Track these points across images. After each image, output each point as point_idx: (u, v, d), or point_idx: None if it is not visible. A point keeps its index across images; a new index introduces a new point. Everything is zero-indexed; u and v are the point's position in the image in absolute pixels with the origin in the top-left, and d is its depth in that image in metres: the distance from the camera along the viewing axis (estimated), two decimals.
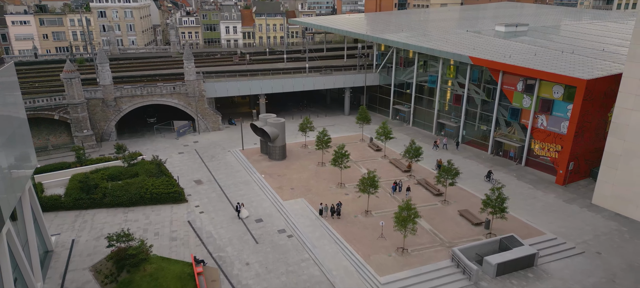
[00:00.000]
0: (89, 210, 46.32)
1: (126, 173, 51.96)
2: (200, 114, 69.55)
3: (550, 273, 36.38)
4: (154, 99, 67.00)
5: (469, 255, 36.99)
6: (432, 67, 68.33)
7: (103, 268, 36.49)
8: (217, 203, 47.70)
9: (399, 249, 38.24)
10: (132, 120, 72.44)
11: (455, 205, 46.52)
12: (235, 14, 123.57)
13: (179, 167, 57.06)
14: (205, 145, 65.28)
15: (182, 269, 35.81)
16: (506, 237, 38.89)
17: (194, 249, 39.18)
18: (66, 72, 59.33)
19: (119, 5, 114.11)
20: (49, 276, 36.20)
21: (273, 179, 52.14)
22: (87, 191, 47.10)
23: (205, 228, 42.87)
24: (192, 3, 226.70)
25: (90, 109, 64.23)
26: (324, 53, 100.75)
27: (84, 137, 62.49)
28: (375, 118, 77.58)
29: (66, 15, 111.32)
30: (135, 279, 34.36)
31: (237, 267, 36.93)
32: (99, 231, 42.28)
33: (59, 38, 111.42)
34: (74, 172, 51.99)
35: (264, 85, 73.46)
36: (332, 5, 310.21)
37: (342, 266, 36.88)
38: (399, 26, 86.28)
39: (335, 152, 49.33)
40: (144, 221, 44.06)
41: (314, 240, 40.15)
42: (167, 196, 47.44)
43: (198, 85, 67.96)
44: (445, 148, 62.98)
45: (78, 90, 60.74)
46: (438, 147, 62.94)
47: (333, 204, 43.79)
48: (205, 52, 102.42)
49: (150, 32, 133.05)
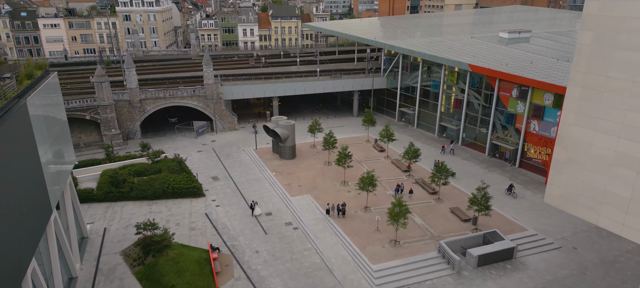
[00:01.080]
0: (118, 202, 51.89)
1: (150, 170, 57.44)
2: (218, 114, 74.88)
3: (527, 265, 40.48)
4: (175, 101, 72.55)
5: (454, 248, 41.28)
6: (435, 72, 72.32)
7: (131, 253, 41.87)
8: (232, 198, 52.83)
9: (392, 241, 42.72)
10: (155, 120, 78.10)
11: (448, 203, 50.73)
12: (252, 17, 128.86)
13: (197, 164, 62.38)
14: (221, 144, 70.60)
15: (199, 255, 40.96)
16: (489, 232, 43.10)
17: (210, 238, 44.32)
18: (97, 77, 65.13)
19: (143, 9, 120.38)
20: (85, 259, 41.74)
21: (283, 177, 57.04)
22: (116, 185, 52.70)
23: (220, 220, 48.01)
24: (211, 3, 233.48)
25: (118, 110, 70.02)
26: (336, 56, 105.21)
27: (112, 136, 68.34)
28: (383, 119, 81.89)
29: (93, 18, 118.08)
30: (160, 262, 39.61)
31: (248, 254, 41.92)
32: (127, 221, 47.76)
33: (87, 40, 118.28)
34: (104, 167, 57.75)
35: (277, 88, 78.44)
36: (349, 5, 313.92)
37: (340, 255, 41.57)
38: (407, 31, 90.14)
39: (340, 152, 53.96)
40: (167, 213, 49.41)
41: (316, 232, 44.92)
42: (187, 191, 52.74)
43: (216, 88, 73.24)
44: (452, 153, 66.14)
45: (107, 92, 66.57)
46: (445, 152, 66.16)
47: (338, 204, 48.11)
48: (223, 55, 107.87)
49: (171, 33, 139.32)
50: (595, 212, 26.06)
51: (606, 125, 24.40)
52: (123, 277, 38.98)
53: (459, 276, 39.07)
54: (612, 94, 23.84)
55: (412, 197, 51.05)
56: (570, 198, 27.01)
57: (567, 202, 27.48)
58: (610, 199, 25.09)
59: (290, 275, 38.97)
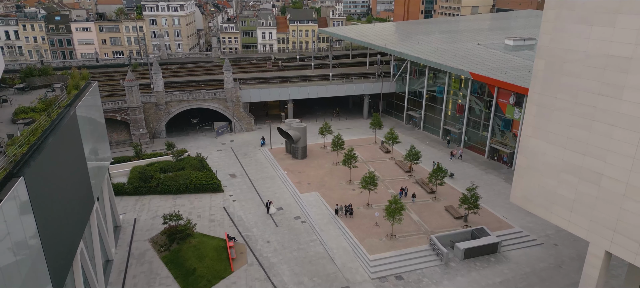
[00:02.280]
0: (146, 196, 58.04)
1: (175, 167, 63.51)
2: (236, 116, 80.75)
3: (509, 259, 45.01)
4: (197, 103, 78.65)
5: (444, 242, 46.02)
6: (440, 79, 76.70)
7: (158, 240, 47.82)
8: (247, 194, 58.48)
9: (389, 235, 47.67)
10: (179, 121, 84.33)
11: (444, 201, 55.33)
12: (271, 20, 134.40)
13: (217, 162, 68.25)
14: (239, 143, 76.42)
15: (218, 243, 46.67)
16: (477, 228, 47.67)
17: (227, 229, 50.01)
18: (128, 81, 71.58)
19: (168, 14, 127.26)
20: (119, 244, 47.88)
21: (294, 175, 62.44)
22: (144, 180, 58.89)
23: (236, 213, 53.69)
24: (232, 4, 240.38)
25: (145, 111, 76.45)
26: (350, 60, 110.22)
27: (140, 135, 74.82)
28: (392, 122, 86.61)
29: (122, 22, 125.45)
30: (183, 249, 45.45)
31: (260, 244, 47.45)
32: (154, 212, 53.82)
33: (116, 43, 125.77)
34: (134, 164, 64.07)
35: (291, 92, 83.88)
36: (367, 5, 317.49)
37: (341, 246, 46.75)
38: (417, 38, 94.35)
39: (345, 154, 59.06)
40: (189, 206, 55.30)
41: (321, 225, 50.18)
42: (207, 186, 58.59)
43: (235, 91, 79.08)
44: (461, 159, 69.46)
45: (136, 95, 72.99)
46: (454, 157, 69.65)
47: (345, 205, 52.81)
48: (242, 58, 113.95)
49: (194, 36, 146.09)
50: (548, 210, 30.54)
51: (555, 138, 28.83)
52: (152, 261, 44.92)
53: (447, 267, 43.84)
54: (559, 112, 28.27)
55: (414, 201, 55.17)
56: (529, 199, 31.51)
57: (527, 202, 32.00)
58: (559, 200, 29.53)
59: (297, 263, 44.33)
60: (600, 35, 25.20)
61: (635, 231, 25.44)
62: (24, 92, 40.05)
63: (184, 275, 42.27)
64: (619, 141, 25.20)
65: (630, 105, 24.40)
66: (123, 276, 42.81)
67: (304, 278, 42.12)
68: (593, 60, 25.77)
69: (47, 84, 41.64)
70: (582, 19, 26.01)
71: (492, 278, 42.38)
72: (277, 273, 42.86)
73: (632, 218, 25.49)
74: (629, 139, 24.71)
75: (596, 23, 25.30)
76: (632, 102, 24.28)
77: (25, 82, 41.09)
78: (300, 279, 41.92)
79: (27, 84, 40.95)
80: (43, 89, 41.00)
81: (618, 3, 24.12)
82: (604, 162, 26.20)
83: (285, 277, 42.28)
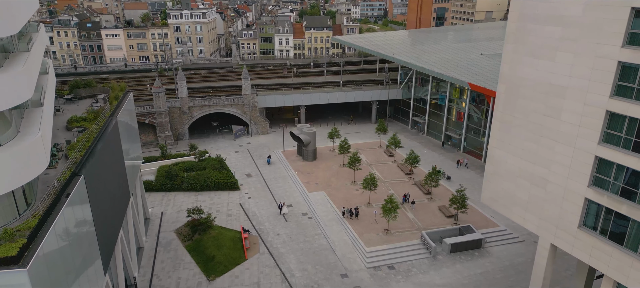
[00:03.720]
0: (171, 192, 65.07)
1: (197, 166, 70.46)
2: (253, 120, 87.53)
3: (491, 253, 50.56)
4: (217, 108, 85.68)
5: (434, 238, 51.78)
6: (443, 87, 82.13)
7: (183, 231, 54.68)
8: (261, 192, 65.06)
9: (385, 230, 53.61)
10: (200, 123, 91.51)
11: (438, 202, 60.96)
12: (288, 27, 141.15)
13: (235, 163, 75.07)
14: (255, 146, 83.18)
15: (234, 235, 53.30)
16: (464, 226, 53.29)
17: (242, 222, 56.63)
18: (155, 88, 78.95)
19: (191, 21, 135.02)
20: (148, 234, 54.91)
21: (303, 175, 68.79)
22: (170, 179, 65.94)
23: (251, 209, 60.30)
24: (252, 8, 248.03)
25: (170, 115, 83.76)
26: (361, 66, 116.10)
27: (165, 137, 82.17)
28: (398, 127, 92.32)
29: (148, 29, 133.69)
30: (204, 239, 52.16)
31: (271, 236, 53.93)
32: (179, 207, 60.78)
33: (142, 49, 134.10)
34: (160, 164, 71.27)
35: (304, 98, 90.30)
36: (384, 8, 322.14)
37: (342, 240, 52.90)
38: (424, 47, 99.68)
39: (350, 157, 65.15)
40: (209, 202, 62.12)
41: (326, 221, 56.41)
42: (225, 185, 65.34)
43: (252, 97, 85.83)
44: (467, 167, 73.76)
45: (163, 101, 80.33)
46: (461, 165, 74.29)
47: (351, 208, 57.84)
48: (260, 64, 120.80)
49: (215, 41, 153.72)
50: (509, 209, 36.10)
51: (513, 150, 34.33)
52: (177, 249, 51.78)
53: (434, 259, 49.63)
54: (516, 128, 33.77)
55: (414, 207, 60.42)
56: (495, 200, 37.10)
57: (494, 202, 37.59)
58: (516, 200, 35.03)
59: (302, 253, 50.66)
60: (544, 68, 30.76)
61: (571, 227, 30.91)
62: (72, 102, 47.08)
63: (204, 261, 48.98)
64: (559, 153, 30.73)
65: (566, 125, 29.90)
66: (152, 261, 49.76)
67: (308, 266, 48.43)
68: (539, 87, 31.33)
69: (91, 95, 48.66)
70: (531, 53, 31.58)
71: (473, 270, 48.03)
72: (284, 261, 49.23)
73: (569, 216, 30.98)
74: (566, 152, 30.22)
75: (541, 57, 30.85)
76: (568, 122, 29.78)
77: (72, 93, 48.19)
78: (304, 267, 48.25)
79: (74, 95, 48.02)
80: (88, 99, 48.00)
81: (557, 42, 29.67)
82: (548, 170, 31.73)
83: (291, 265, 48.64)
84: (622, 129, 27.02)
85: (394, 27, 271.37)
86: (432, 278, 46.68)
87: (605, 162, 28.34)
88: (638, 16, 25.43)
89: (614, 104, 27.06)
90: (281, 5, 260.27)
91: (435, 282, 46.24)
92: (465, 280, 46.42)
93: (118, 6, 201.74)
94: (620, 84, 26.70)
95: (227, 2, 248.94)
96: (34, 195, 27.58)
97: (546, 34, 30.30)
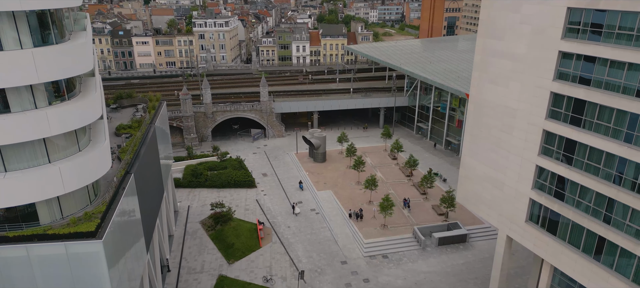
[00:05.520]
0: (196, 189, 73.81)
1: (219, 166, 79.10)
2: (270, 124, 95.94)
3: (474, 247, 57.75)
4: (238, 113, 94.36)
5: (424, 232, 59.18)
6: (444, 96, 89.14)
7: (207, 222, 63.25)
8: (275, 190, 73.34)
9: (382, 225, 61.19)
10: (222, 127, 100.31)
11: (433, 201, 68.20)
12: (305, 35, 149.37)
13: (252, 163, 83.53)
14: (271, 148, 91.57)
15: (251, 226, 61.64)
16: (452, 222, 60.57)
17: (258, 215, 64.93)
18: (183, 95, 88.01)
19: (215, 29, 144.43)
20: (177, 224, 63.66)
21: (313, 175, 76.81)
22: (195, 176, 74.67)
23: (266, 204, 68.59)
24: (273, 13, 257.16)
25: (196, 119, 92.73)
26: (372, 74, 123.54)
27: (191, 139, 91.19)
28: (403, 132, 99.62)
29: (175, 37, 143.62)
30: (225, 229, 60.63)
31: (283, 228, 62.08)
32: (203, 201, 69.44)
33: (169, 55, 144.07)
34: (187, 163, 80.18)
35: (317, 104, 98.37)
36: (402, 12, 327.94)
37: (344, 232, 60.71)
38: (430, 58, 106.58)
39: (355, 160, 72.87)
40: (230, 198, 70.62)
41: (331, 216, 64.30)
42: (244, 183, 73.80)
43: (269, 104, 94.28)
44: None
45: (189, 106, 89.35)
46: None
47: (356, 210, 64.93)
48: (278, 70, 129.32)
49: (237, 48, 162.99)
50: (477, 207, 43.34)
51: (480, 158, 41.51)
52: (202, 237, 60.37)
53: (423, 250, 57.09)
54: (481, 140, 40.97)
55: (410, 214, 67.43)
56: (467, 199, 44.37)
57: (466, 201, 44.85)
58: (483, 200, 42.22)
59: (309, 243, 58.67)
60: (501, 93, 38.01)
61: (520, 221, 38.04)
62: (116, 110, 55.90)
63: (225, 248, 57.42)
64: (512, 162, 37.95)
65: (516, 139, 37.10)
66: (181, 246, 58.45)
67: (314, 254, 56.43)
68: (498, 108, 38.58)
69: (132, 104, 57.43)
70: (492, 81, 38.87)
71: (457, 260, 55.37)
72: (293, 249, 57.32)
73: (519, 213, 38.18)
74: (516, 161, 37.43)
75: (499, 84, 38.10)
76: (517, 137, 36.98)
77: (116, 103, 57.05)
78: (310, 254, 56.27)
79: (118, 105, 56.87)
80: (129, 108, 56.78)
81: (509, 73, 36.92)
82: (504, 175, 38.96)
83: (299, 252, 56.71)
84: (554, 144, 34.23)
85: (410, 30, 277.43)
86: (419, 267, 54.20)
87: (543, 170, 35.57)
88: (564, 57, 32.61)
89: (548, 124, 34.27)
90: (300, 10, 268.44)
91: (422, 269, 53.75)
92: (448, 269, 53.82)
93: (146, 12, 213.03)
94: (553, 109, 33.91)
95: (248, 6, 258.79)
96: (99, 188, 36.16)
97: (502, 66, 37.62)
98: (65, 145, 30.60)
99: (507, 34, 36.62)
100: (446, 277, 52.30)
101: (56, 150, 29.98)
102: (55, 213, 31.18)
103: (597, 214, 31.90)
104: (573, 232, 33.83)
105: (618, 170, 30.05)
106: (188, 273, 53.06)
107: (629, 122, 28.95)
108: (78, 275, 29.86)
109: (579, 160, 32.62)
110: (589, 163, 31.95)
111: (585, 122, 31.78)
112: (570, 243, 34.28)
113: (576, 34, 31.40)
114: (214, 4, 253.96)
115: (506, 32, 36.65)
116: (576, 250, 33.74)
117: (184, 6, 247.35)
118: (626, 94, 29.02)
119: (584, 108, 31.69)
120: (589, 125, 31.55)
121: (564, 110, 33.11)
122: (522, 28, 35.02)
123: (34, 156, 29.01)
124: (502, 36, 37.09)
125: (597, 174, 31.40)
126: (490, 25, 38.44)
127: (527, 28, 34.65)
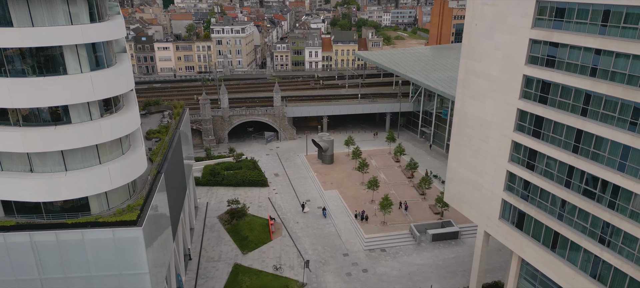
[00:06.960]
0: (214, 187, 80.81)
1: (235, 166, 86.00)
2: (282, 127, 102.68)
3: (465, 243, 63.61)
4: (252, 117, 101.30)
5: (420, 229, 65.20)
6: (446, 103, 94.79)
7: (224, 217, 70.13)
8: (286, 189, 79.99)
9: (382, 222, 67.36)
10: (237, 129, 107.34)
11: (430, 201, 74.10)
12: (317, 41, 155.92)
13: (265, 164, 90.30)
14: (283, 150, 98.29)
15: (263, 221, 68.36)
16: (446, 221, 66.49)
17: (270, 212, 71.60)
18: (202, 99, 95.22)
19: (232, 35, 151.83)
20: (197, 219, 70.65)
21: (321, 176, 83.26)
22: (213, 176, 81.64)
23: (277, 202, 75.26)
24: (287, 17, 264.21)
25: (214, 122, 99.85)
26: (380, 79, 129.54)
27: (209, 141, 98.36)
28: (408, 136, 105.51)
29: (194, 43, 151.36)
30: (240, 224, 67.47)
31: (292, 223, 68.67)
32: (220, 198, 76.38)
33: (188, 60, 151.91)
34: (205, 163, 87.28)
35: (326, 109, 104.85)
36: (414, 16, 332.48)
37: (347, 228, 67.04)
38: (435, 65, 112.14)
39: (360, 162, 79.12)
40: (244, 195, 77.42)
41: (336, 213, 70.67)
42: (257, 182, 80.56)
43: (281, 108, 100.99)
44: None
45: (208, 110, 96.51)
46: None
47: (361, 212, 70.94)
48: (291, 75, 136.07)
49: (252, 53, 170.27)
50: (461, 206, 49.28)
51: (463, 163, 47.44)
52: (219, 230, 67.27)
53: (418, 245, 63.14)
54: (464, 148, 46.90)
55: (407, 213, 73.26)
56: (452, 199, 50.35)
57: (452, 201, 50.84)
58: (465, 200, 48.15)
59: (315, 237, 65.16)
60: (479, 107, 43.98)
61: (495, 218, 44.01)
62: (146, 117, 63.03)
63: (240, 240, 64.22)
64: (488, 167, 43.92)
65: (491, 148, 43.03)
66: (201, 238, 65.43)
67: (319, 247, 62.91)
68: (476, 120, 44.54)
69: (159, 111, 64.53)
70: (472, 97, 44.85)
71: (448, 255, 61.34)
72: (301, 242, 63.88)
73: (494, 211, 44.10)
74: (491, 166, 43.38)
75: (477, 100, 44.05)
76: (492, 146, 42.91)
77: (145, 109, 64.24)
78: (315, 247, 62.77)
79: (147, 111, 64.03)
80: (157, 114, 63.91)
81: (486, 91, 42.89)
82: (482, 178, 44.92)
83: (306, 245, 63.24)
84: (521, 152, 40.18)
85: (422, 34, 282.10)
86: (413, 259, 60.32)
87: (512, 175, 41.52)
88: (528, 80, 38.55)
89: (516, 136, 40.19)
90: (314, 14, 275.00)
91: (416, 262, 59.87)
92: (440, 262, 59.85)
93: (166, 16, 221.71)
94: (519, 123, 39.85)
95: (264, 10, 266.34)
96: (136, 185, 43.10)
97: (480, 85, 43.60)
98: (112, 149, 37.55)
99: (484, 58, 42.62)
100: (437, 269, 58.34)
101: (106, 153, 36.94)
102: (103, 205, 38.13)
103: (553, 213, 37.82)
104: (535, 227, 39.76)
105: (568, 176, 35.94)
106: (207, 261, 59.95)
107: (576, 135, 34.83)
108: (122, 256, 36.79)
109: (539, 167, 38.58)
110: (546, 169, 37.89)
111: (543, 135, 37.72)
112: (533, 237, 40.22)
113: (536, 61, 37.33)
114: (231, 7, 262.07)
115: (483, 55, 42.66)
116: (538, 243, 39.67)
117: (202, 10, 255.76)
118: (574, 112, 34.92)
119: (542, 123, 37.62)
120: (546, 137, 37.48)
121: (527, 124, 39.05)
122: (496, 53, 41.02)
123: (88, 158, 35.98)
124: (480, 59, 43.10)
125: (552, 179, 37.32)
126: (470, 49, 44.45)
127: (499, 53, 40.64)
